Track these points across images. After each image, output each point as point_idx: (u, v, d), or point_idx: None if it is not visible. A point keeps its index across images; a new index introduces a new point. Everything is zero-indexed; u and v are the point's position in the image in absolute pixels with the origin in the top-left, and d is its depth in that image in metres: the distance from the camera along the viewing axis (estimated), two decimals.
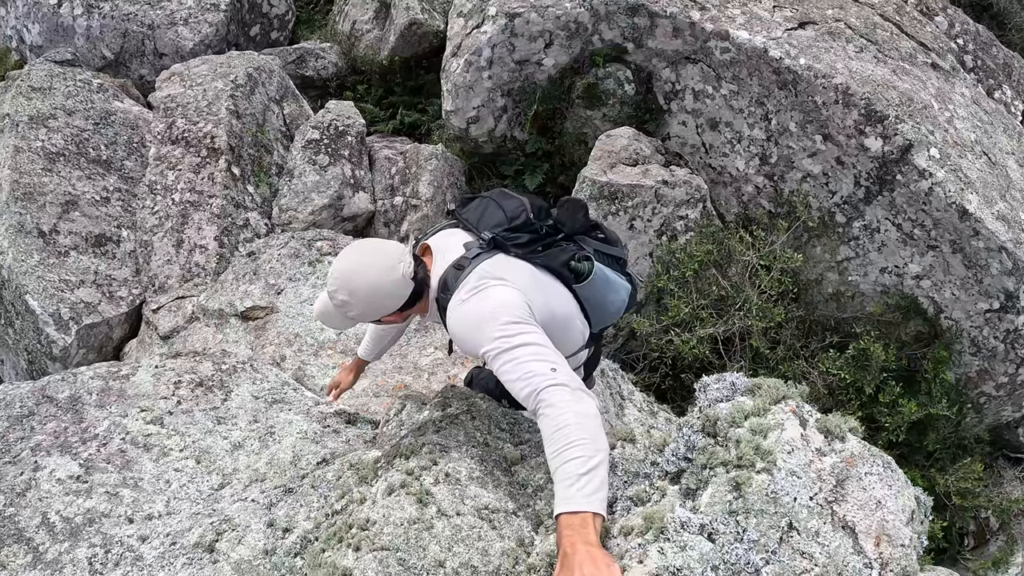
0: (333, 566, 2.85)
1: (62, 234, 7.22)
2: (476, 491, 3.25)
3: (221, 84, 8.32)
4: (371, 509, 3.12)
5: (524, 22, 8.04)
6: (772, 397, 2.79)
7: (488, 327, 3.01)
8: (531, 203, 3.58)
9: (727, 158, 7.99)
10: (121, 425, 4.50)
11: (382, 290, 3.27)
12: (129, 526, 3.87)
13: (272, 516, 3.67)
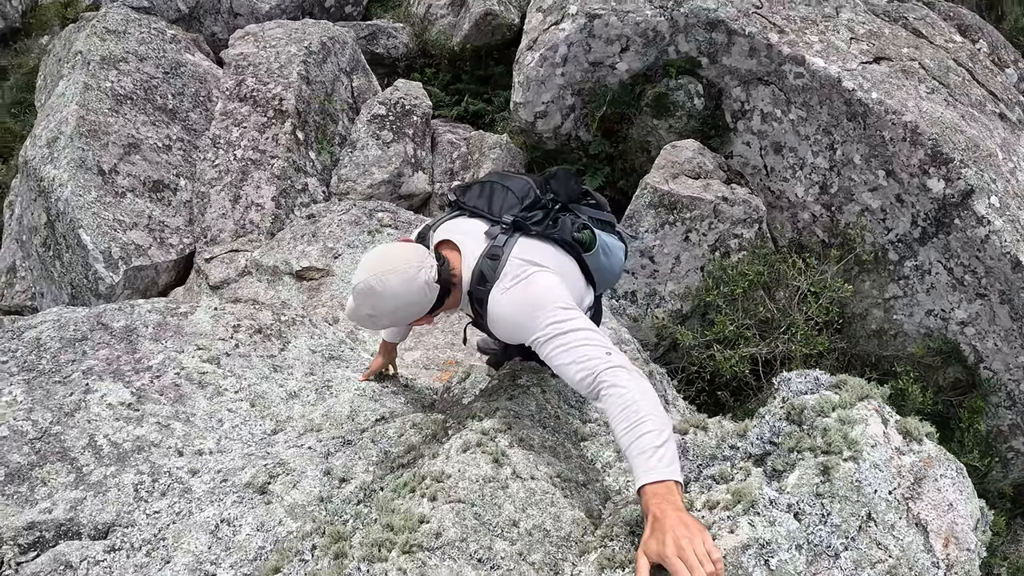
0: (409, 513, 2.85)
1: (121, 175, 7.25)
2: (549, 459, 3.27)
3: (295, 49, 8.34)
4: (445, 463, 3.13)
5: (603, 24, 8.04)
6: (857, 394, 2.83)
7: (538, 314, 3.05)
8: (534, 181, 3.65)
9: (787, 183, 7.97)
10: (176, 360, 4.50)
11: (407, 300, 3.22)
12: (179, 458, 3.86)
13: (329, 465, 3.67)
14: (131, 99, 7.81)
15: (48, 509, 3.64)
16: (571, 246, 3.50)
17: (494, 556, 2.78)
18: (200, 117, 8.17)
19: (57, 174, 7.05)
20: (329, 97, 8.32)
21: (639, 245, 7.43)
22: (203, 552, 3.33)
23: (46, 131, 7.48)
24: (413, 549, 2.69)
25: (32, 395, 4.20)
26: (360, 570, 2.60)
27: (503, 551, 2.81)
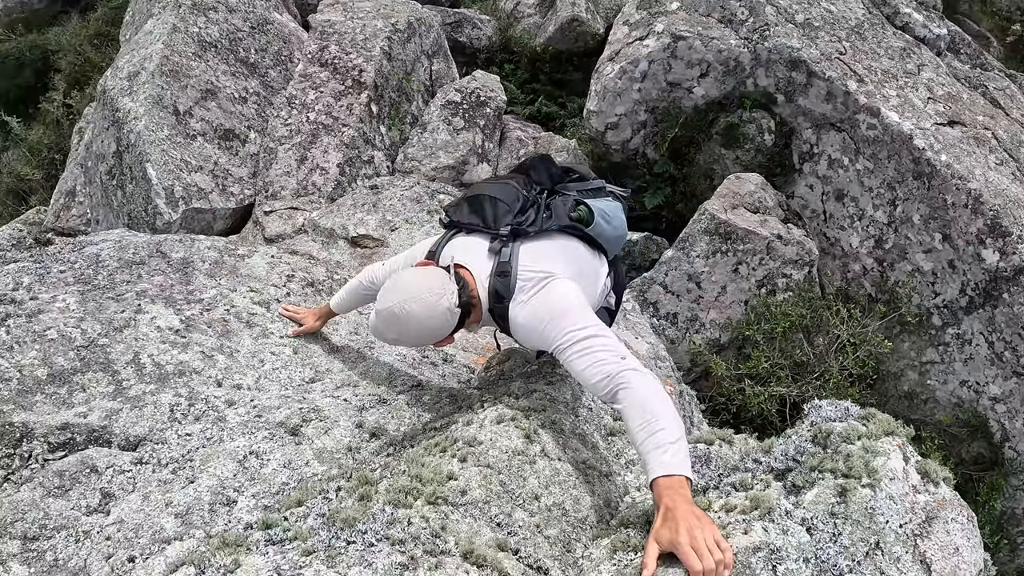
0: (438, 468, 2.93)
1: (195, 119, 7.37)
2: (577, 445, 3.35)
3: (381, 24, 8.45)
4: (479, 431, 3.21)
5: (687, 47, 8.10)
6: (884, 428, 2.90)
7: (558, 322, 3.18)
8: (516, 181, 3.81)
9: (843, 231, 7.99)
10: (228, 298, 4.61)
11: (430, 326, 3.31)
12: (217, 388, 3.96)
13: (362, 419, 3.76)
14: (215, 47, 7.94)
15: (83, 414, 3.74)
16: (571, 229, 3.63)
17: (512, 523, 2.85)
18: (279, 75, 8.29)
19: (133, 107, 7.17)
20: (408, 76, 8.42)
21: (687, 269, 7.47)
22: (228, 479, 3.42)
23: (129, 65, 7.62)
24: (438, 501, 2.77)
25: (85, 306, 4.31)
26: (384, 511, 2.67)
27: (521, 520, 2.88)
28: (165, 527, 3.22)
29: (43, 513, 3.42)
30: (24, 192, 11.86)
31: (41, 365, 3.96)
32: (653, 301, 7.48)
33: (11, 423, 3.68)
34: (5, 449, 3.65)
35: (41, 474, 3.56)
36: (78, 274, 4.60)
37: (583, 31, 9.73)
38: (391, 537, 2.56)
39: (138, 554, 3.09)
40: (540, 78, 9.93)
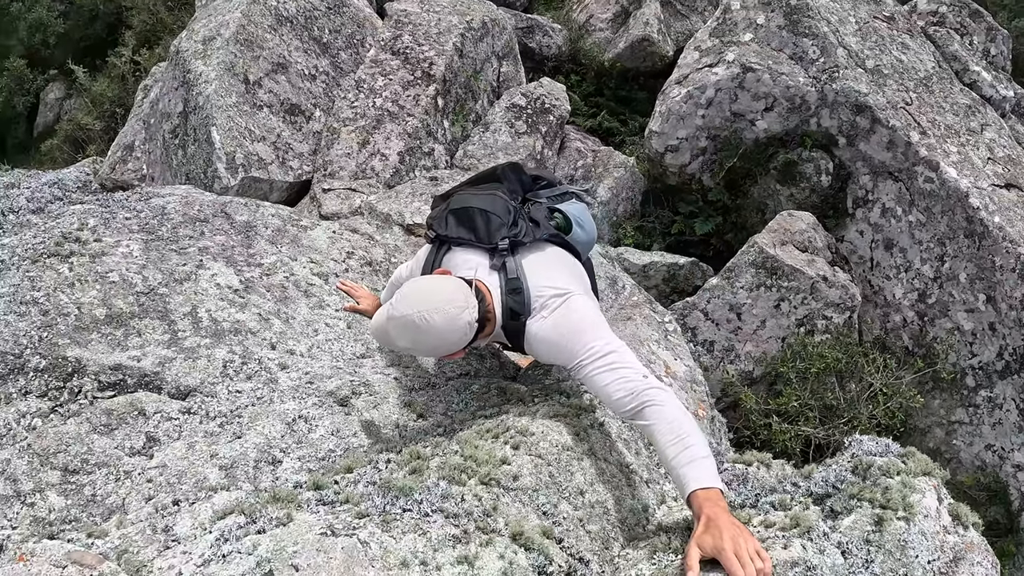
0: (491, 452, 2.98)
1: (263, 90, 7.45)
2: (622, 449, 3.39)
3: (456, 20, 8.52)
4: (531, 423, 3.25)
5: (755, 79, 8.13)
6: (922, 468, 2.97)
7: (580, 338, 3.17)
8: (500, 192, 3.76)
9: (888, 281, 7.98)
10: (288, 266, 4.67)
11: (448, 339, 3.17)
12: (271, 351, 4.01)
13: (410, 399, 3.80)
14: (291, 22, 8.03)
15: (137, 358, 3.80)
16: (555, 235, 3.64)
17: (558, 514, 2.90)
18: (349, 58, 8.37)
19: (205, 71, 7.26)
20: (476, 75, 8.48)
21: (730, 299, 7.48)
22: (275, 439, 3.46)
23: (205, 29, 7.71)
24: (491, 482, 2.81)
25: (148, 254, 4.38)
26: (439, 486, 2.71)
27: (566, 512, 2.92)
28: (209, 477, 3.26)
29: (86, 448, 3.47)
30: (82, 141, 12.02)
31: (100, 305, 4.02)
32: (692, 326, 7.50)
33: (64, 357, 3.74)
34: (55, 381, 3.72)
35: (89, 410, 3.62)
36: (143, 223, 4.66)
37: (653, 51, 9.78)
38: (445, 510, 2.61)
39: (183, 498, 3.13)
40: (604, 92, 9.98)
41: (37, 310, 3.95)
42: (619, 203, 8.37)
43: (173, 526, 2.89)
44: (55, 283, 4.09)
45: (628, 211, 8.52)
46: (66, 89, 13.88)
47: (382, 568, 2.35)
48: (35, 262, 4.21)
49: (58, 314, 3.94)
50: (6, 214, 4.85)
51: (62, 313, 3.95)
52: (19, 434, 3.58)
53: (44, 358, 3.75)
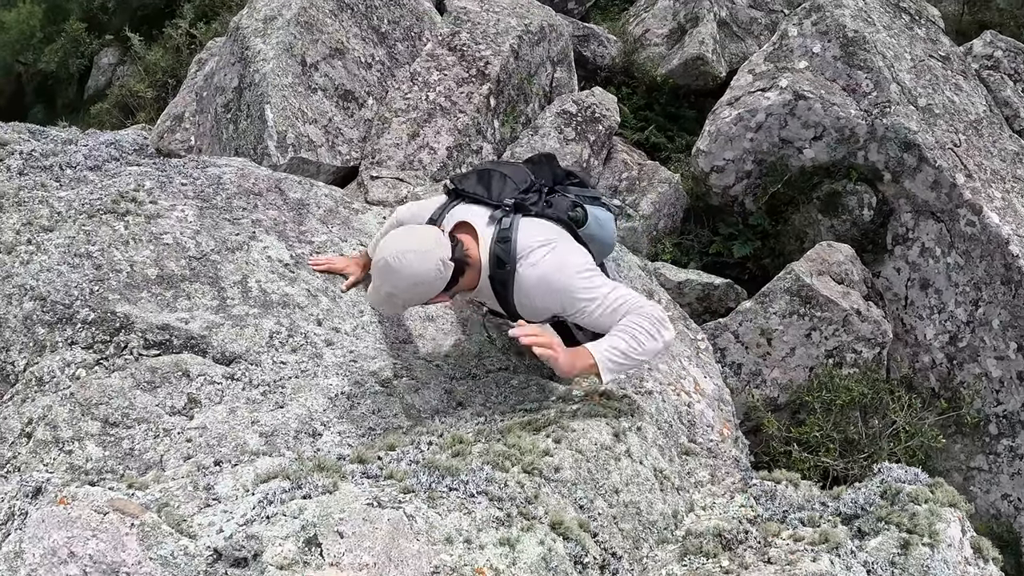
0: (534, 444, 3.03)
1: (319, 73, 7.51)
2: (656, 455, 3.43)
3: (515, 22, 8.56)
4: (572, 420, 3.30)
5: (806, 107, 8.14)
6: (949, 499, 3.12)
7: (575, 281, 3.40)
8: (530, 170, 3.94)
9: (921, 321, 7.97)
10: (338, 247, 4.72)
11: (424, 278, 3.35)
12: (317, 327, 4.06)
13: (451, 387, 3.85)
14: (351, 9, 8.08)
15: (185, 320, 3.86)
16: (566, 223, 3.73)
17: (593, 509, 2.94)
18: (406, 49, 8.42)
19: (264, 49, 7.32)
20: (530, 78, 8.52)
21: (762, 323, 7.49)
22: (317, 411, 3.51)
23: (266, 8, 7.77)
24: (533, 471, 2.85)
25: (202, 221, 4.44)
26: (483, 470, 2.75)
27: (601, 508, 2.97)
28: (249, 442, 3.31)
29: (128, 402, 3.53)
30: (133, 107, 12.14)
31: (152, 265, 4.08)
32: (722, 347, 7.51)
33: (113, 312, 3.80)
34: (102, 335, 3.77)
35: (134, 366, 3.67)
36: (198, 190, 4.72)
37: (706, 71, 9.80)
38: (489, 493, 2.65)
39: (224, 459, 3.18)
40: (654, 107, 9.98)
41: (90, 264, 4.01)
42: (660, 218, 8.38)
43: (214, 485, 2.93)
44: (110, 239, 4.15)
45: (668, 227, 8.53)
46: (120, 55, 14.02)
47: (427, 542, 2.39)
48: (91, 217, 4.28)
49: (111, 270, 4.00)
50: (63, 168, 4.90)
51: (115, 269, 4.01)
52: (62, 382, 3.64)
53: (93, 311, 3.81)
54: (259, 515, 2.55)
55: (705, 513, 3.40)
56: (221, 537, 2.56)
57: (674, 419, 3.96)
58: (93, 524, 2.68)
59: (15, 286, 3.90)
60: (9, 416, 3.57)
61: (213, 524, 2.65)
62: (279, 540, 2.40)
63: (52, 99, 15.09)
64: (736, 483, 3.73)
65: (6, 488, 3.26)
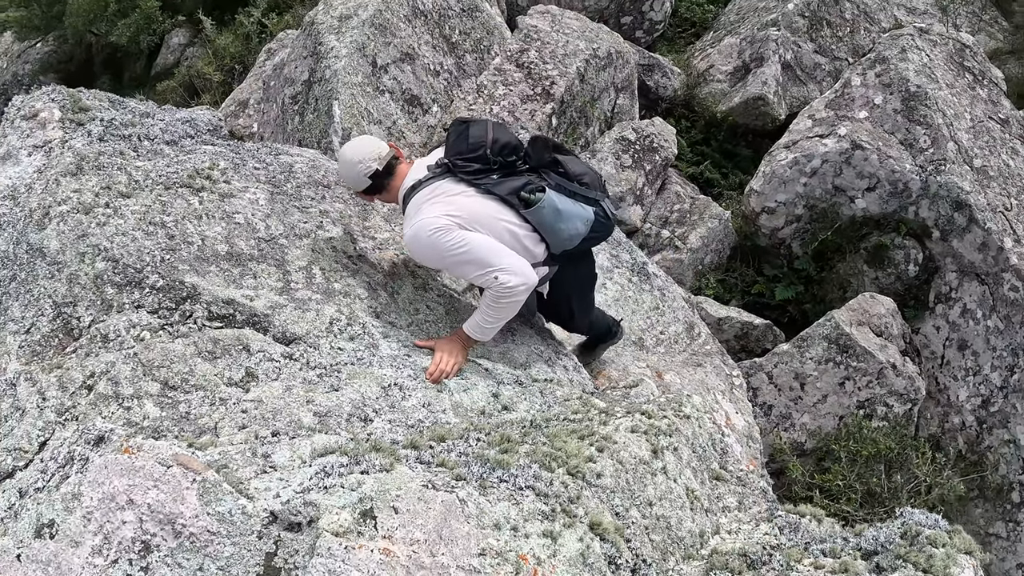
0: (579, 449, 3.16)
1: (388, 76, 7.67)
2: (689, 475, 3.56)
3: (583, 45, 8.70)
4: (614, 432, 3.43)
5: (863, 157, 8.22)
6: (966, 547, 3.24)
7: (440, 248, 3.92)
8: (497, 139, 4.20)
9: (955, 382, 8.02)
10: (399, 244, 4.85)
11: (349, 173, 4.31)
12: (375, 319, 4.18)
13: (498, 391, 3.97)
14: (425, 17, 8.25)
15: (250, 297, 4.00)
16: (505, 200, 4.11)
17: (628, 517, 3.06)
18: (474, 61, 8.58)
19: (337, 46, 7.49)
20: (592, 102, 8.66)
21: (797, 367, 7.56)
22: (369, 399, 3.63)
23: (343, 7, 7.94)
24: (576, 474, 2.98)
25: (272, 205, 4.58)
26: (531, 467, 2.87)
27: (635, 517, 3.09)
28: (303, 420, 3.43)
29: (188, 368, 3.67)
30: (198, 88, 12.34)
31: (223, 242, 4.22)
32: (755, 387, 7.59)
33: (182, 281, 3.94)
34: (168, 302, 3.92)
35: (197, 335, 3.82)
36: (271, 175, 4.87)
37: (765, 111, 9.88)
38: (536, 488, 2.78)
39: (280, 432, 3.31)
40: (711, 143, 10.07)
41: (164, 233, 4.16)
42: (707, 253, 8.48)
43: (271, 454, 3.06)
44: (184, 212, 4.30)
45: (714, 263, 8.63)
46: (191, 37, 14.26)
47: (476, 526, 2.51)
48: (168, 188, 4.42)
49: (183, 241, 4.15)
50: (141, 139, 5.05)
51: (187, 241, 4.16)
52: (126, 342, 3.78)
53: (163, 278, 3.95)
54: (317, 484, 2.68)
55: (731, 536, 3.51)
56: (278, 501, 2.69)
57: (708, 445, 4.06)
58: (156, 475, 2.81)
59: (89, 245, 4.03)
60: (72, 368, 3.70)
61: (270, 489, 2.77)
62: (336, 509, 2.52)
63: (119, 72, 15.36)
64: (762, 512, 3.82)
65: (65, 433, 3.41)
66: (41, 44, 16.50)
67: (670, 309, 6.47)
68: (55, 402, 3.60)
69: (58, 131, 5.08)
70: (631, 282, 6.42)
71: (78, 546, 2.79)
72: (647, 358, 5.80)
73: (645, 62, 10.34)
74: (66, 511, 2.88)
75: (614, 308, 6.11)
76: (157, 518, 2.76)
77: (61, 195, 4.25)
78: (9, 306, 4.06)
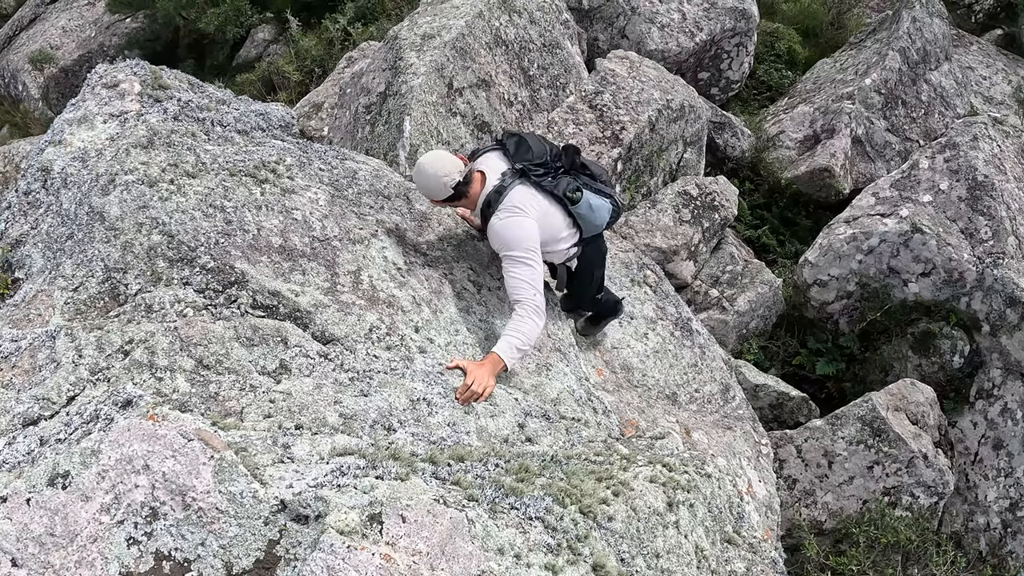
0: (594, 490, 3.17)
1: (462, 99, 7.74)
2: (701, 533, 3.55)
3: (658, 95, 8.73)
4: (632, 479, 3.44)
5: (921, 242, 8.17)
6: None
7: (513, 243, 4.63)
8: (551, 149, 5.03)
9: (985, 481, 7.91)
10: (449, 265, 4.92)
11: (430, 186, 4.69)
12: (415, 333, 4.23)
13: (524, 422, 3.99)
14: (506, 46, 8.32)
15: (296, 292, 4.06)
16: (560, 199, 4.90)
17: (632, 565, 3.06)
18: (548, 96, 8.63)
19: (416, 64, 7.57)
20: (660, 152, 8.68)
21: (827, 444, 7.49)
22: (396, 409, 3.66)
23: (427, 25, 8.03)
24: (588, 514, 2.98)
25: (331, 208, 4.65)
26: (544, 499, 2.87)
27: (639, 566, 3.08)
28: (328, 419, 3.47)
29: (225, 350, 3.73)
30: (276, 85, 12.52)
31: (278, 235, 4.29)
32: (783, 459, 7.53)
33: (232, 266, 4.01)
34: (215, 284, 3.99)
35: (238, 320, 3.88)
36: (334, 179, 4.94)
37: (830, 183, 9.83)
38: (545, 521, 2.78)
39: (304, 425, 3.34)
40: (772, 208, 10.02)
41: (222, 217, 4.24)
42: (753, 318, 8.44)
43: (291, 445, 3.10)
44: (245, 200, 4.38)
45: (759, 328, 8.58)
46: (275, 34, 14.47)
47: (480, 547, 2.53)
48: (232, 175, 4.51)
49: (239, 227, 4.22)
50: (214, 124, 5.16)
51: (243, 228, 4.23)
52: (169, 315, 3.86)
53: (214, 260, 4.03)
54: (331, 482, 2.71)
55: None
56: (290, 492, 2.72)
57: (725, 507, 4.05)
58: (176, 446, 2.85)
59: (148, 217, 4.12)
60: (112, 331, 3.77)
61: (284, 479, 2.80)
62: (346, 508, 2.55)
63: (202, 58, 15.61)
64: None
65: (95, 392, 3.48)
66: (131, 20, 16.83)
67: (708, 368, 6.45)
68: (90, 360, 3.67)
69: (135, 103, 5.20)
70: (673, 336, 6.42)
71: (88, 501, 2.85)
72: (678, 413, 5.79)
73: (717, 119, 10.34)
74: (82, 465, 2.93)
75: (653, 359, 6.11)
76: (170, 487, 2.80)
77: (129, 165, 4.34)
78: (62, 262, 4.15)
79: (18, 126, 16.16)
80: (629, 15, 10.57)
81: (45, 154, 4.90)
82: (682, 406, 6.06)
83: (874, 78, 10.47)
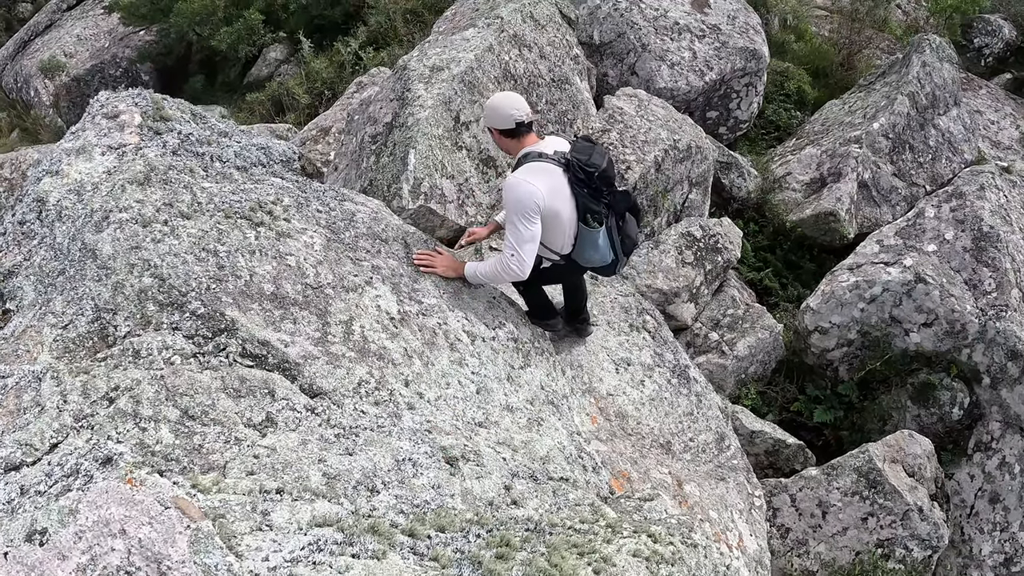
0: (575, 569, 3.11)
1: (468, 133, 7.71)
2: None
3: (664, 135, 8.70)
4: (616, 554, 3.39)
5: (924, 291, 8.13)
6: None
7: (513, 205, 4.97)
8: (606, 170, 5.22)
9: (980, 535, 7.86)
10: (444, 314, 4.87)
11: (498, 114, 5.19)
12: (404, 387, 4.18)
13: (511, 483, 3.94)
14: (515, 80, 8.30)
15: (285, 342, 4.01)
16: (578, 209, 5.17)
17: None
18: (557, 130, 8.60)
19: (424, 96, 7.55)
20: (664, 193, 8.64)
21: (821, 494, 7.44)
22: (380, 470, 3.62)
23: (437, 57, 8.02)
24: None
25: (327, 253, 4.61)
26: None
27: None
28: (311, 478, 3.43)
29: (211, 402, 3.69)
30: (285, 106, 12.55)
31: (270, 281, 4.26)
32: (776, 507, 7.47)
33: (222, 313, 3.98)
34: (205, 331, 3.95)
35: (226, 370, 3.84)
36: (331, 221, 4.91)
37: (835, 228, 9.76)
38: None
39: (285, 489, 3.29)
40: (776, 251, 9.96)
41: (215, 262, 4.20)
42: (752, 363, 8.39)
43: (271, 512, 3.06)
44: (239, 244, 4.34)
45: (758, 373, 8.53)
46: (287, 54, 14.54)
47: None
48: (228, 217, 4.48)
49: (231, 273, 4.19)
50: (213, 160, 5.14)
51: (235, 274, 4.19)
52: (156, 362, 3.82)
53: (204, 306, 3.99)
54: (307, 558, 2.67)
55: None
56: (266, 566, 2.68)
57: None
58: (152, 513, 2.82)
59: (141, 259, 4.09)
60: (98, 376, 3.74)
61: (261, 550, 2.77)
62: None
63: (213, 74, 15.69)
64: None
65: (77, 442, 3.44)
66: (144, 33, 16.91)
67: (704, 417, 6.41)
68: (75, 407, 3.63)
69: (135, 136, 5.19)
70: (670, 383, 6.38)
71: (64, 560, 2.82)
72: (671, 464, 5.74)
73: (724, 159, 10.30)
74: (60, 524, 2.91)
75: (648, 407, 6.07)
76: (145, 554, 2.77)
77: (124, 202, 4.32)
78: (53, 298, 4.13)
79: (28, 131, 16.26)
80: (640, 52, 10.56)
81: (42, 184, 4.88)
82: (676, 456, 6.01)
83: (882, 122, 10.43)
